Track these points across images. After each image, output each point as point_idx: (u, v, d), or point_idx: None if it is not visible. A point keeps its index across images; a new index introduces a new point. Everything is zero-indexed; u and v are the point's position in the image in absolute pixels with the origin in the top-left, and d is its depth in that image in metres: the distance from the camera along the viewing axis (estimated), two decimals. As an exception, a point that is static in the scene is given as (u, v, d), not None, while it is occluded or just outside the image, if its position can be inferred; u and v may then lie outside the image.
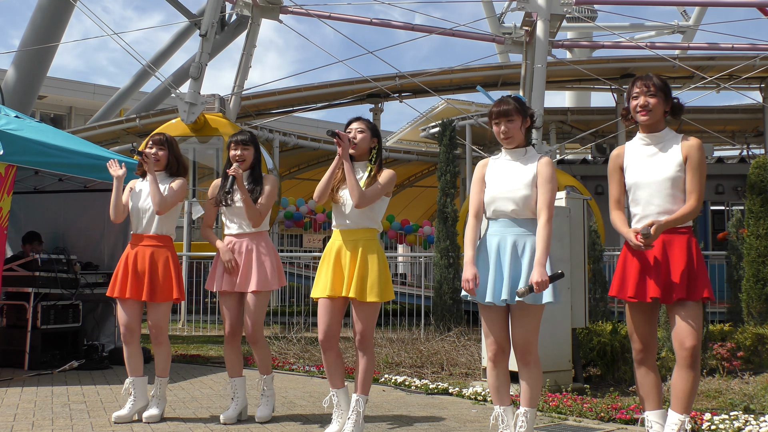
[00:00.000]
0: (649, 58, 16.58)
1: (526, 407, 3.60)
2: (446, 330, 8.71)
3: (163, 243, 4.68)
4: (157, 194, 4.56)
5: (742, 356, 6.82)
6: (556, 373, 5.83)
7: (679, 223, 3.43)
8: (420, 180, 24.93)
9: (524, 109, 3.67)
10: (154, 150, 4.71)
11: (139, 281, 4.59)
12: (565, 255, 6.09)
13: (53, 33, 15.69)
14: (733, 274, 9.33)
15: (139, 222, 4.69)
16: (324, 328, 4.10)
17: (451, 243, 9.63)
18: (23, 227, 7.94)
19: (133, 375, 4.64)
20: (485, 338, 3.71)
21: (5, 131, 6.04)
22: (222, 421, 4.51)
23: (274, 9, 14.12)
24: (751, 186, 8.74)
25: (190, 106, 12.77)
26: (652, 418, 3.54)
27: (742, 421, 4.36)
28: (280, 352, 7.93)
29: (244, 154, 4.63)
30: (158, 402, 4.63)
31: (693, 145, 3.44)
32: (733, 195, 16.93)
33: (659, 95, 3.43)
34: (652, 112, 3.44)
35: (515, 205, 3.57)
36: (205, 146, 13.74)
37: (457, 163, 10.24)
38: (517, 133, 3.64)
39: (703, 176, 3.42)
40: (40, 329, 6.92)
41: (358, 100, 17.44)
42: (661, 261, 3.42)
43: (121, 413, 4.53)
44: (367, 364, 4.08)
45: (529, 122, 3.69)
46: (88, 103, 30.70)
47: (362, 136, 4.13)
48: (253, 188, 4.62)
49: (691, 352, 3.33)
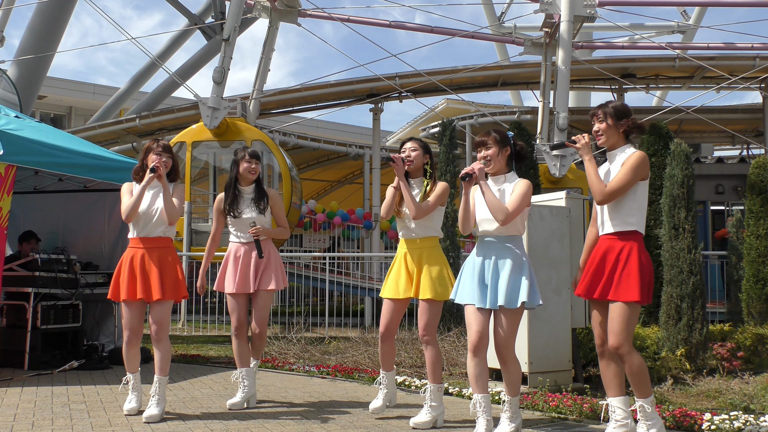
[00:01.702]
0: (649, 58, 16.57)
1: (510, 396, 4.14)
2: (446, 330, 8.70)
3: (167, 245, 4.84)
4: (171, 207, 4.74)
5: (742, 356, 6.83)
6: (556, 373, 5.83)
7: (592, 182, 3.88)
8: (420, 180, 24.91)
9: (504, 139, 4.18)
10: (164, 159, 4.78)
11: (147, 282, 4.69)
12: (565, 255, 6.09)
13: (53, 33, 15.68)
14: (733, 274, 9.34)
15: (144, 226, 4.77)
16: (385, 323, 4.71)
17: (451, 243, 9.63)
18: (23, 227, 7.93)
19: (133, 371, 4.83)
20: (468, 330, 4.11)
21: (5, 131, 6.04)
22: (228, 407, 4.95)
23: (293, 13, 14.11)
24: (751, 186, 8.74)
25: (213, 110, 12.73)
26: (615, 403, 3.90)
27: (742, 421, 4.36)
28: (280, 352, 7.93)
29: (257, 168, 5.11)
30: (158, 401, 4.64)
31: (631, 154, 3.86)
32: (733, 195, 16.92)
33: (609, 120, 3.91)
34: (604, 135, 3.93)
35: (496, 227, 4.07)
36: (226, 151, 13.72)
37: (457, 163, 10.23)
38: (496, 160, 4.14)
39: (626, 173, 3.78)
40: (40, 329, 6.92)
41: (358, 100, 17.43)
42: (602, 263, 3.87)
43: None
44: (433, 356, 4.59)
45: (509, 151, 4.19)
46: (88, 103, 30.70)
47: (416, 154, 4.65)
48: (258, 201, 5.11)
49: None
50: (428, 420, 4.44)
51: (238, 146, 13.11)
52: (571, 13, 12.71)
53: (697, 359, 6.80)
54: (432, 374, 4.59)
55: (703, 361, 6.81)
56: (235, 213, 5.02)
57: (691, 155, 7.44)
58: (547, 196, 6.64)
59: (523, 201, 4.03)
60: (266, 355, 7.64)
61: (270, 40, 14.12)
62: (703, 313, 6.97)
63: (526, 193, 4.04)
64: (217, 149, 13.78)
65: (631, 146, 3.92)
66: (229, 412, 4.85)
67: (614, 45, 16.99)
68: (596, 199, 3.85)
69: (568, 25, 12.71)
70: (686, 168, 7.24)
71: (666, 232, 7.24)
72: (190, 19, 18.64)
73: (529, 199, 4.06)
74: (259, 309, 5.04)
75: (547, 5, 12.93)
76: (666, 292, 7.12)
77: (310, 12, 14.40)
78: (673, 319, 6.98)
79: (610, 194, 3.79)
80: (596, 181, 3.84)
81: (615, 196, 3.79)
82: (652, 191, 9.29)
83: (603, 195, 3.80)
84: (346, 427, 4.40)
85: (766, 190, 8.60)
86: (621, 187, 3.77)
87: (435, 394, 4.54)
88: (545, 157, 12.55)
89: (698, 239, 7.18)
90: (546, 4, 12.94)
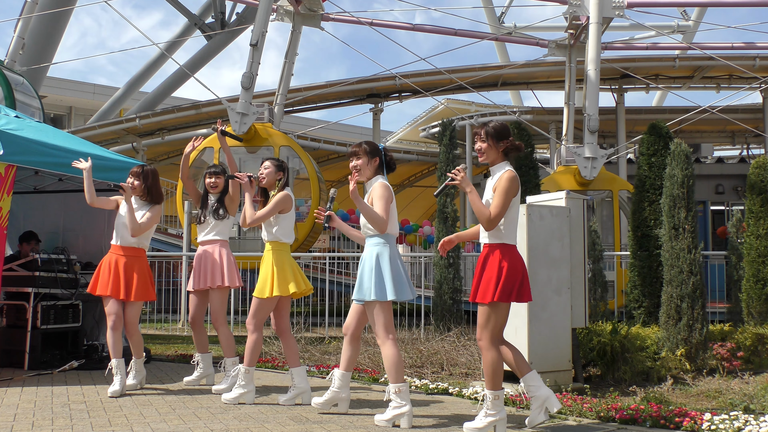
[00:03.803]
0: (649, 58, 16.57)
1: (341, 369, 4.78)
2: (446, 330, 8.71)
3: (138, 254, 5.79)
4: (132, 221, 5.64)
5: (742, 356, 6.83)
6: (556, 373, 5.83)
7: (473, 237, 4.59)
8: (420, 180, 24.94)
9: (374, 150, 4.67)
10: (130, 180, 5.74)
11: (117, 283, 5.64)
12: (565, 255, 6.09)
13: (53, 33, 15.68)
14: (733, 274, 9.34)
15: (118, 235, 5.77)
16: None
17: (451, 243, 9.62)
18: (23, 227, 7.93)
19: (117, 357, 5.53)
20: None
21: (5, 131, 6.04)
22: (184, 383, 5.95)
23: (315, 17, 14.10)
24: (751, 186, 8.74)
25: (242, 116, 12.73)
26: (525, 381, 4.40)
27: (742, 421, 4.36)
28: (280, 352, 7.93)
29: (217, 182, 5.96)
30: (134, 375, 5.73)
31: (501, 176, 4.28)
32: (733, 195, 16.93)
33: (489, 141, 4.32)
34: (485, 154, 4.36)
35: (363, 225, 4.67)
36: (252, 156, 13.72)
37: (457, 163, 10.24)
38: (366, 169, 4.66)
39: (501, 199, 4.20)
40: (40, 329, 6.91)
41: (358, 100, 17.43)
42: (477, 271, 4.36)
43: (115, 388, 5.42)
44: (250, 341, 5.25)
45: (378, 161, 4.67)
46: (88, 103, 30.69)
47: (267, 171, 5.38)
48: (217, 210, 5.91)
49: (479, 342, 4.30)
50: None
51: (265, 152, 13.21)
52: (600, 15, 12.71)
53: (697, 359, 6.80)
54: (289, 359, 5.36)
55: (703, 361, 6.81)
56: (201, 219, 5.93)
57: (691, 155, 7.44)
58: (547, 196, 6.64)
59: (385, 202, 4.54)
60: (266, 355, 7.65)
61: (293, 45, 14.12)
62: (703, 313, 6.96)
63: (380, 196, 4.53)
64: (243, 155, 13.76)
65: (507, 164, 4.34)
66: (229, 412, 4.85)
67: (612, 46, 16.98)
68: (483, 226, 4.29)
69: (597, 27, 12.69)
70: (686, 168, 7.23)
71: (666, 232, 7.24)
72: (190, 19, 18.64)
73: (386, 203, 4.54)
74: (209, 305, 5.91)
75: (576, 7, 12.94)
76: (666, 292, 7.12)
77: (333, 16, 14.40)
78: (673, 319, 6.98)
79: (494, 220, 4.22)
80: (481, 209, 4.24)
81: (498, 220, 4.22)
82: (653, 191, 9.31)
83: (488, 222, 4.23)
84: (346, 427, 4.40)
85: (766, 190, 8.59)
86: (500, 212, 4.22)
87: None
88: (576, 160, 12.59)
89: (698, 239, 7.18)
90: (575, 6, 12.95)
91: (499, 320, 4.24)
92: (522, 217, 5.90)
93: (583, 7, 12.91)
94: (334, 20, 14.50)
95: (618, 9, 12.90)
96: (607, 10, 12.81)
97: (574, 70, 14.29)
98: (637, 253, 9.24)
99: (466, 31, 15.13)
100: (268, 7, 12.99)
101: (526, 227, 5.86)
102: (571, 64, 14.21)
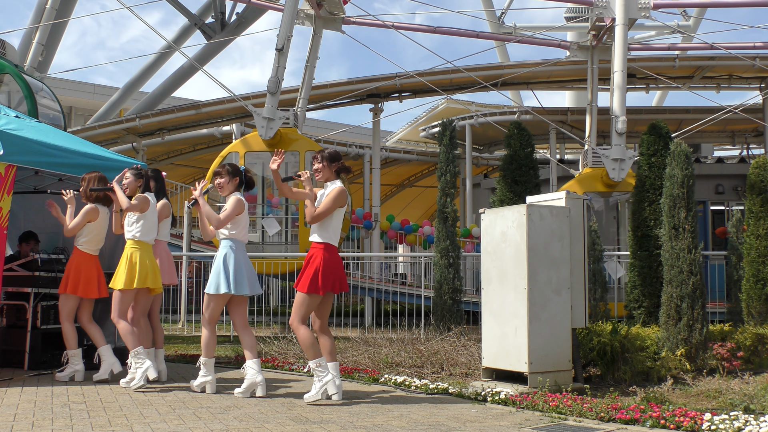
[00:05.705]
0: (649, 59, 16.55)
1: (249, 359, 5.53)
2: (446, 330, 8.71)
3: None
4: (64, 224, 6.41)
5: (742, 356, 6.83)
6: (556, 373, 5.83)
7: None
8: (420, 180, 24.93)
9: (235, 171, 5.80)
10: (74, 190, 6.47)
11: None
12: (565, 255, 6.09)
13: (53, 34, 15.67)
14: (733, 274, 9.34)
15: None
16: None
17: (451, 243, 9.63)
18: (23, 227, 7.93)
19: (72, 348, 6.30)
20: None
21: (5, 131, 6.04)
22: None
23: (336, 20, 14.07)
24: (751, 186, 8.74)
25: (268, 121, 12.73)
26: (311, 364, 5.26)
27: (742, 421, 4.36)
28: (280, 352, 7.93)
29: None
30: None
31: (333, 188, 5.36)
32: (733, 195, 16.91)
33: (324, 162, 5.43)
34: (321, 173, 5.46)
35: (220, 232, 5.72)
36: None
37: (457, 163, 10.24)
38: (226, 187, 5.73)
39: (327, 204, 5.29)
40: (40, 329, 6.92)
41: (358, 100, 17.41)
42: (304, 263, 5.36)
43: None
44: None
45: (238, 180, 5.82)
46: (88, 103, 30.67)
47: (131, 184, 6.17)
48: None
49: (291, 323, 5.31)
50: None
51: (290, 157, 13.29)
52: (626, 16, 12.66)
53: (697, 359, 6.80)
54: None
55: (703, 361, 6.81)
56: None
57: (691, 155, 7.43)
58: (547, 196, 6.64)
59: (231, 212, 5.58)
60: (266, 355, 7.65)
61: (314, 48, 14.09)
62: (703, 313, 6.96)
63: (232, 204, 5.59)
64: (267, 159, 13.79)
65: (339, 181, 5.46)
66: (229, 413, 4.85)
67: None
68: (307, 220, 5.34)
69: (623, 28, 12.63)
70: (686, 168, 7.23)
71: (666, 232, 7.24)
72: (190, 18, 18.62)
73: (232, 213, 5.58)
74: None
75: (602, 9, 12.91)
76: (666, 292, 7.12)
77: (354, 19, 14.37)
78: (673, 319, 6.98)
79: (316, 218, 5.28)
80: (310, 208, 5.28)
81: (319, 219, 5.28)
82: (653, 191, 9.30)
83: (311, 218, 5.29)
84: (346, 427, 4.40)
85: (766, 190, 8.59)
86: (322, 213, 5.29)
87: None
88: (604, 162, 12.57)
89: (698, 239, 7.18)
90: (600, 7, 12.92)
91: (311, 307, 5.29)
92: (522, 217, 5.91)
93: (609, 9, 12.86)
94: (355, 23, 14.46)
95: (644, 10, 12.85)
96: (633, 12, 12.74)
97: (596, 71, 14.28)
98: (637, 253, 9.24)
99: (487, 34, 15.10)
100: (293, 11, 12.95)
101: (526, 227, 5.86)
102: (594, 66, 14.21)
